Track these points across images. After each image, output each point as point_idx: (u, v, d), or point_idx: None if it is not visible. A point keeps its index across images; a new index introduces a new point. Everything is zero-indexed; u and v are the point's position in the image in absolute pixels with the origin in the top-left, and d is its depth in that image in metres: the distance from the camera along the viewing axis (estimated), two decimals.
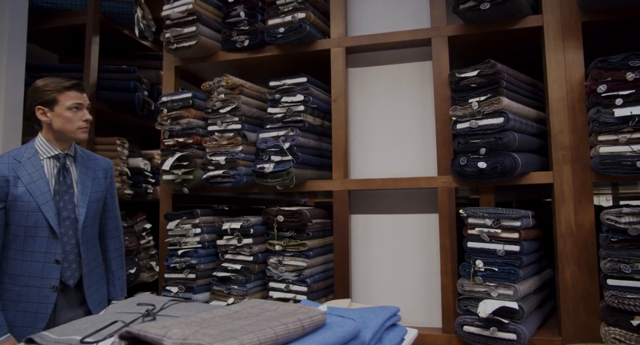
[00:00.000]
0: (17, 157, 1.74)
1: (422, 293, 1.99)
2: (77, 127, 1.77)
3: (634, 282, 1.59)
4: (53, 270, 1.73)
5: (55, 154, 1.78)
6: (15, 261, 1.72)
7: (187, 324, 0.62)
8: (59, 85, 1.75)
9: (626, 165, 1.65)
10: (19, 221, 1.70)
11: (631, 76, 1.64)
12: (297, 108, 2.01)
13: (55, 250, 1.74)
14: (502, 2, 1.74)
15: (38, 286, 1.72)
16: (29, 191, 1.70)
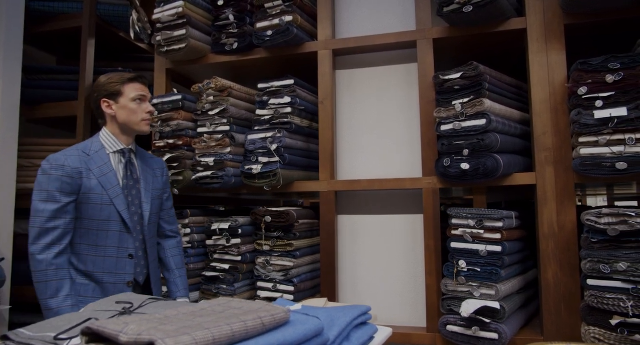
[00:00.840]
0: (85, 150, 1.70)
1: (408, 293, 2.01)
2: (141, 119, 1.73)
3: (613, 282, 1.61)
4: (127, 265, 1.69)
5: (120, 149, 1.75)
6: (88, 257, 1.66)
7: (147, 321, 0.65)
8: (122, 78, 1.74)
9: (606, 167, 1.66)
10: (92, 214, 1.65)
11: (611, 78, 1.66)
12: (284, 110, 2.04)
13: (128, 244, 1.70)
14: (484, 5, 1.76)
15: (113, 282, 1.67)
16: (101, 184, 1.66)
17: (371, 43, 2.04)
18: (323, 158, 2.06)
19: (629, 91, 1.64)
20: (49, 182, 1.60)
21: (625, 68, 1.65)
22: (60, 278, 1.57)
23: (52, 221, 1.58)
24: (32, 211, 1.59)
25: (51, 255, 1.56)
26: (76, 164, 1.64)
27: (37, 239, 1.57)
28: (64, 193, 1.61)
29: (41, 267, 1.55)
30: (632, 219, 1.57)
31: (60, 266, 1.58)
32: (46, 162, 1.63)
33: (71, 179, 1.62)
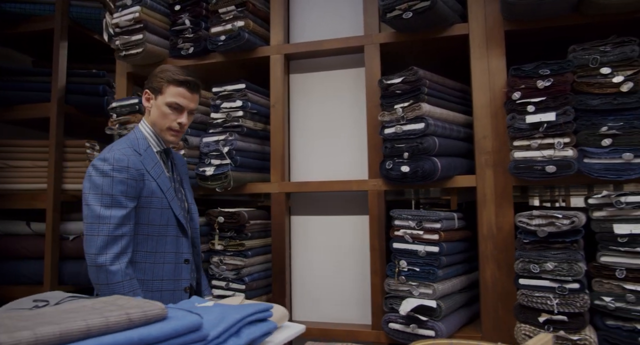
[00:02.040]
0: (135, 148, 1.57)
1: (356, 291, 2.07)
2: (167, 127, 1.60)
3: (542, 281, 1.67)
4: (183, 270, 1.62)
5: (163, 149, 1.66)
6: (147, 265, 1.55)
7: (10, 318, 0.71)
8: (171, 76, 1.59)
9: (537, 170, 1.72)
10: (153, 219, 1.55)
11: (541, 84, 1.72)
12: (236, 113, 2.10)
13: (184, 249, 1.62)
14: (423, 12, 1.81)
15: (172, 289, 1.59)
16: (159, 186, 1.56)
17: (321, 48, 2.10)
18: (274, 160, 2.13)
19: (558, 97, 1.70)
20: (112, 185, 1.46)
21: (555, 74, 1.71)
22: (135, 288, 1.47)
23: (120, 228, 1.45)
24: (91, 217, 1.45)
25: (123, 265, 1.44)
26: (137, 165, 1.53)
27: (104, 249, 1.42)
28: (129, 197, 1.49)
29: (117, 278, 1.42)
30: (558, 221, 1.63)
31: (132, 276, 1.48)
32: (103, 162, 1.48)
33: (135, 181, 1.50)
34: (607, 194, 1.65)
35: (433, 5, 1.78)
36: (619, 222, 1.64)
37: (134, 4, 2.18)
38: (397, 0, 1.84)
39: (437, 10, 1.82)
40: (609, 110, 1.69)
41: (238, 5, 2.12)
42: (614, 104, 1.68)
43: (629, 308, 1.59)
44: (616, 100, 1.68)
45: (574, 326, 1.62)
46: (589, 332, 1.64)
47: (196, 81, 1.63)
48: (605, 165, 1.69)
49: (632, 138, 1.66)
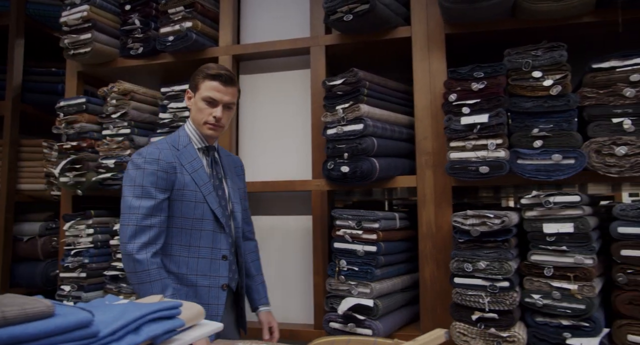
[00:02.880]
0: (174, 144, 1.60)
1: (300, 291, 2.09)
2: (203, 121, 1.60)
3: (475, 279, 1.70)
4: (220, 267, 1.60)
5: (205, 146, 1.66)
6: (181, 258, 1.56)
7: None
8: (204, 71, 1.61)
9: (471, 171, 1.76)
10: (186, 212, 1.56)
11: (476, 86, 1.75)
12: (182, 114, 2.11)
13: (221, 245, 1.61)
14: (362, 15, 1.84)
15: (207, 285, 1.57)
16: (194, 180, 1.57)
17: (268, 49, 2.12)
18: None
19: (491, 99, 1.74)
20: (144, 176, 1.50)
21: (488, 77, 1.75)
22: (162, 277, 1.48)
23: (148, 219, 1.48)
24: (124, 208, 1.50)
25: (149, 254, 1.46)
26: (169, 158, 1.55)
27: (132, 238, 1.46)
28: (159, 189, 1.51)
29: (142, 267, 1.45)
30: (490, 220, 1.67)
31: (159, 265, 1.48)
32: (138, 155, 1.54)
33: (166, 174, 1.52)
34: (536, 194, 1.69)
35: (372, 8, 1.81)
36: (548, 222, 1.68)
37: (83, 3, 2.18)
38: (339, 3, 1.87)
39: (377, 13, 1.85)
40: (540, 113, 1.74)
41: (187, 6, 2.12)
42: (544, 106, 1.72)
43: (555, 305, 1.63)
44: (547, 103, 1.72)
45: (504, 323, 1.65)
46: (519, 329, 1.67)
47: (230, 74, 1.62)
48: (536, 166, 1.73)
49: (561, 140, 1.70)
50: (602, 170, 1.69)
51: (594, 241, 1.64)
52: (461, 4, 1.73)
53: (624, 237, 1.64)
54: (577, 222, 1.64)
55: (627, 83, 1.69)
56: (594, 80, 1.73)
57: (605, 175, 1.69)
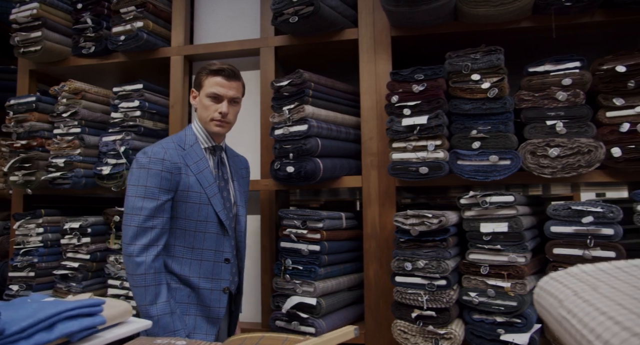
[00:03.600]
0: (180, 143, 1.56)
1: (250, 290, 2.10)
2: (210, 118, 1.57)
3: (414, 278, 1.73)
4: (223, 270, 1.57)
5: (212, 146, 1.62)
6: (184, 260, 1.53)
7: None
8: (207, 67, 1.59)
9: (412, 171, 1.79)
10: (190, 214, 1.52)
11: (416, 88, 1.78)
12: (133, 113, 2.10)
13: (225, 248, 1.58)
14: (307, 17, 1.85)
15: (209, 288, 1.55)
16: (199, 181, 1.53)
17: (219, 50, 2.12)
18: None
19: (431, 101, 1.77)
20: (148, 176, 1.46)
21: (428, 79, 1.78)
22: (158, 282, 1.45)
23: (150, 220, 1.45)
24: (127, 208, 1.46)
25: (150, 258, 1.43)
26: (175, 158, 1.51)
27: (134, 239, 1.43)
28: (163, 189, 1.47)
29: (140, 270, 1.42)
30: (428, 220, 1.70)
31: (158, 270, 1.45)
32: (143, 155, 1.49)
33: (170, 174, 1.49)
34: (474, 195, 1.73)
35: (317, 10, 1.83)
36: (484, 222, 1.72)
37: (33, 0, 2.15)
38: (285, 5, 1.88)
39: (322, 15, 1.86)
40: (479, 115, 1.77)
41: (138, 6, 2.12)
42: (483, 108, 1.76)
43: (490, 302, 1.67)
44: (485, 105, 1.76)
45: (441, 321, 1.69)
46: (455, 326, 1.71)
47: (232, 69, 1.60)
48: (474, 167, 1.77)
49: (498, 141, 1.74)
50: (536, 171, 1.74)
51: (526, 240, 1.68)
52: (402, 8, 1.76)
53: (557, 236, 1.69)
54: (511, 222, 1.68)
55: (560, 87, 1.74)
56: (530, 84, 1.78)
57: (539, 176, 1.74)
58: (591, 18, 1.81)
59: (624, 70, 1.73)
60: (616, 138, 1.74)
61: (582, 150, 1.69)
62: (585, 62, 1.75)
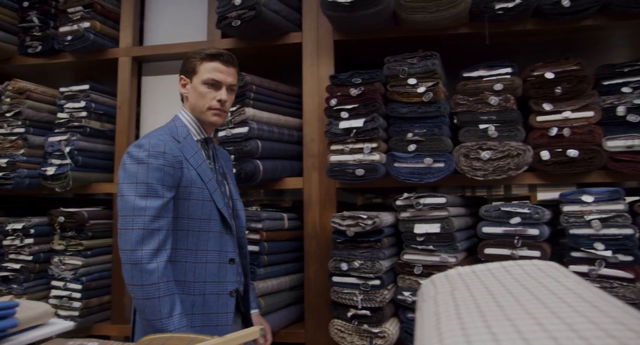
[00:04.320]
0: (174, 135, 1.41)
1: None
2: (207, 107, 1.43)
3: (350, 278, 1.75)
4: (228, 271, 1.43)
5: (204, 138, 1.49)
6: (187, 264, 1.37)
7: None
8: (202, 52, 1.45)
9: (349, 173, 1.81)
10: (193, 212, 1.37)
11: (354, 92, 1.81)
12: (79, 114, 2.09)
13: (228, 247, 1.44)
14: (249, 20, 1.87)
15: (216, 293, 1.40)
16: (200, 176, 1.39)
17: (167, 52, 2.12)
18: (118, 161, 2.13)
19: (368, 104, 1.80)
20: (148, 172, 1.29)
21: (366, 83, 1.81)
22: (172, 292, 1.29)
23: (157, 221, 1.28)
24: (125, 209, 1.28)
25: (162, 264, 1.27)
26: (175, 151, 1.36)
27: (140, 244, 1.26)
28: (166, 186, 1.32)
29: (152, 279, 1.25)
30: (363, 221, 1.72)
31: (170, 277, 1.30)
32: (138, 148, 1.33)
33: (173, 169, 1.33)
34: (408, 196, 1.76)
35: (258, 14, 1.84)
36: (419, 223, 1.75)
37: None
38: (228, 9, 1.89)
39: (264, 19, 1.88)
40: (415, 118, 1.81)
41: (85, 6, 2.10)
42: (419, 112, 1.79)
43: None
44: (420, 109, 1.79)
45: (375, 320, 1.71)
46: (389, 325, 1.73)
47: (230, 54, 1.48)
48: (410, 169, 1.80)
49: (432, 144, 1.78)
50: (469, 174, 1.78)
51: (458, 241, 1.72)
52: (340, 13, 1.78)
53: (488, 237, 1.73)
54: (443, 223, 1.71)
55: (492, 91, 1.78)
56: (465, 88, 1.82)
57: (472, 178, 1.78)
58: (524, 26, 1.86)
59: (552, 77, 1.79)
60: (545, 142, 1.79)
61: (511, 153, 1.74)
62: (516, 68, 1.80)
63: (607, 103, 1.77)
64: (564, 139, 1.77)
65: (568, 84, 1.77)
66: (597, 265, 1.63)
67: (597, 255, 1.63)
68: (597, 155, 1.72)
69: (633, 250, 1.59)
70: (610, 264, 1.62)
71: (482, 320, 0.45)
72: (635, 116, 1.72)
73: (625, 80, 1.77)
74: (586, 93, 1.76)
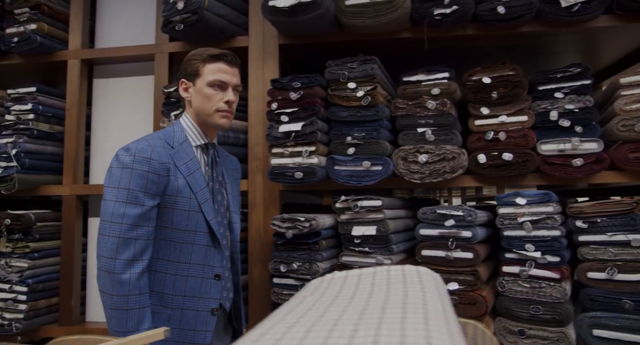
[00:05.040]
0: (168, 140, 1.35)
1: None
2: (214, 109, 1.38)
3: (289, 279, 1.77)
4: (212, 288, 1.36)
5: (204, 143, 1.42)
6: (167, 276, 1.31)
7: None
8: (204, 53, 1.39)
9: (288, 176, 1.82)
10: (178, 223, 1.31)
11: (294, 96, 1.82)
12: (26, 116, 2.08)
13: (214, 262, 1.37)
14: (192, 24, 1.87)
15: (195, 309, 1.33)
16: (188, 184, 1.32)
17: (116, 54, 2.12)
18: (67, 163, 2.12)
19: (307, 108, 1.82)
20: (131, 178, 1.24)
21: (305, 87, 1.82)
22: (142, 306, 1.24)
23: (134, 230, 1.23)
24: (105, 214, 1.24)
25: (135, 275, 1.22)
26: (163, 158, 1.30)
27: (116, 252, 1.21)
28: (149, 194, 1.26)
29: (123, 290, 1.20)
30: (300, 224, 1.74)
31: (142, 290, 1.24)
32: (125, 152, 1.28)
33: (158, 176, 1.28)
34: (346, 199, 1.78)
35: (201, 18, 1.84)
36: (356, 225, 1.77)
37: None
38: (173, 13, 1.89)
39: (207, 23, 1.88)
40: (354, 122, 1.83)
41: (32, 8, 2.09)
42: (358, 116, 1.81)
43: None
44: (360, 113, 1.81)
45: None
46: None
47: (233, 54, 1.43)
48: (349, 172, 1.82)
49: (370, 147, 1.80)
50: (407, 176, 1.80)
51: (393, 243, 1.74)
52: (280, 18, 1.80)
53: (425, 239, 1.75)
54: (379, 225, 1.73)
55: (430, 96, 1.81)
56: (404, 93, 1.84)
57: (410, 181, 1.80)
58: (464, 31, 1.89)
59: (489, 82, 1.82)
60: (482, 145, 1.82)
61: (447, 156, 1.76)
62: (452, 73, 1.82)
63: (542, 108, 1.80)
64: (500, 143, 1.80)
65: (504, 89, 1.80)
66: (527, 266, 1.67)
67: (528, 256, 1.66)
68: (530, 159, 1.75)
69: (560, 251, 1.63)
70: (540, 265, 1.66)
71: (301, 320, 0.47)
72: (566, 121, 1.75)
73: (559, 86, 1.81)
74: (521, 98, 1.80)
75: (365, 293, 0.67)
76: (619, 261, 1.61)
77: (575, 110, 1.76)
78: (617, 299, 1.59)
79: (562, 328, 1.61)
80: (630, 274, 1.58)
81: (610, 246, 1.63)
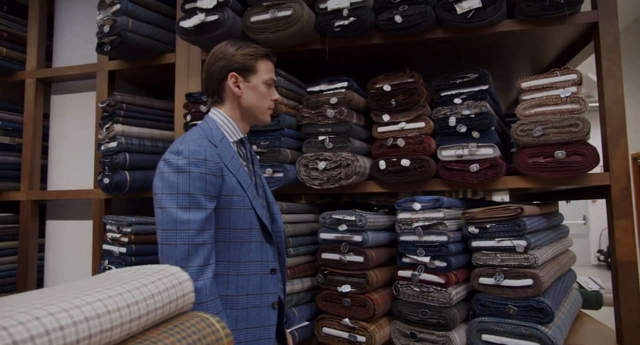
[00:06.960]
0: (210, 139, 1.28)
1: None
2: (267, 107, 1.38)
3: None
4: (270, 282, 1.33)
5: (240, 138, 1.37)
6: (230, 277, 1.27)
7: None
8: (259, 51, 1.35)
9: None
10: (235, 222, 1.26)
11: (204, 108, 1.93)
12: None
13: (269, 257, 1.34)
14: (117, 45, 2.01)
15: (259, 306, 1.30)
16: (239, 183, 1.28)
17: (63, 73, 2.30)
18: (23, 171, 2.33)
19: None
20: (189, 181, 1.17)
21: None
22: (219, 310, 1.19)
23: (201, 235, 1.17)
24: (166, 222, 1.15)
25: (208, 281, 1.16)
26: (215, 157, 1.23)
27: (186, 261, 1.14)
28: (209, 196, 1.20)
29: (200, 298, 1.13)
30: None
31: (216, 294, 1.20)
32: (176, 155, 1.19)
33: (214, 177, 1.22)
34: None
35: (123, 40, 1.97)
36: None
37: None
38: (103, 35, 2.05)
39: (132, 44, 2.01)
40: (260, 131, 1.90)
41: None
42: (262, 125, 1.90)
43: None
44: None
45: None
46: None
47: (273, 52, 1.43)
48: None
49: (273, 155, 1.87)
50: (308, 183, 1.86)
51: (290, 246, 1.80)
52: (191, 37, 1.90)
53: (324, 242, 1.81)
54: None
55: (329, 105, 1.86)
56: (308, 102, 1.90)
57: (310, 187, 1.86)
58: (369, 41, 1.92)
59: (389, 90, 1.84)
60: (384, 151, 1.85)
61: (342, 163, 1.81)
62: (352, 82, 1.86)
63: (442, 114, 1.81)
64: (399, 149, 1.82)
65: (403, 96, 1.83)
66: (418, 270, 1.69)
67: (419, 261, 1.69)
68: (426, 165, 1.77)
69: (447, 256, 1.64)
70: (429, 270, 1.67)
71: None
72: (463, 126, 1.75)
73: (458, 91, 1.81)
74: (418, 105, 1.81)
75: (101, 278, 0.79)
76: (505, 267, 1.60)
77: (472, 115, 1.75)
78: (503, 305, 1.59)
79: (446, 332, 1.62)
80: (515, 279, 1.57)
81: (498, 252, 1.62)
